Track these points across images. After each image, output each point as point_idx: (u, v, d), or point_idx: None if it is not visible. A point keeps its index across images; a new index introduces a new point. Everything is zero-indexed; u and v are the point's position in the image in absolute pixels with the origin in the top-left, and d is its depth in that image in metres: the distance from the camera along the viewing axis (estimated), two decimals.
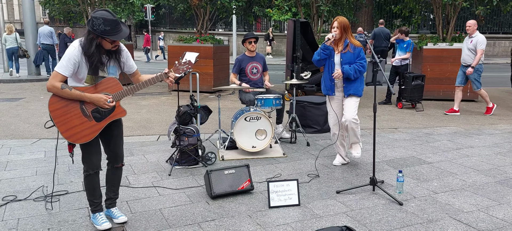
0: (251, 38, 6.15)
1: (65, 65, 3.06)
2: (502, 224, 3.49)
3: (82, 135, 3.16)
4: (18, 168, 4.95)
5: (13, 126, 7.27)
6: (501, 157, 5.44)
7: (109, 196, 3.57)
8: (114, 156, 3.47)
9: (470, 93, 9.91)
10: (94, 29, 3.02)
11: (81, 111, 3.15)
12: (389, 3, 23.63)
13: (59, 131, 3.13)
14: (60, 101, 3.11)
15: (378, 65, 4.11)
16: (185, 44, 11.18)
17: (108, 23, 3.01)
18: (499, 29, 25.87)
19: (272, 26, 26.27)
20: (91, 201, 3.44)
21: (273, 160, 5.26)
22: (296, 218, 3.62)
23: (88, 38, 3.09)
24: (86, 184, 3.40)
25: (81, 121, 3.15)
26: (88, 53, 3.07)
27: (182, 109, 5.13)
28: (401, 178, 4.12)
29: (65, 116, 3.12)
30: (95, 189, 3.42)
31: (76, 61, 3.08)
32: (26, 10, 14.24)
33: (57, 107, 3.11)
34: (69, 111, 3.13)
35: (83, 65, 3.12)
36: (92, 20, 3.02)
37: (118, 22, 3.07)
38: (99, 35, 3.04)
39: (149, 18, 24.95)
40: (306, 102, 6.77)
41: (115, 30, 3.05)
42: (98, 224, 3.39)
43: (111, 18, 3.04)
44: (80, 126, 3.15)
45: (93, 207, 3.45)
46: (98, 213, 3.45)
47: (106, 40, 3.08)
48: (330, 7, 10.81)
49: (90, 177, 3.36)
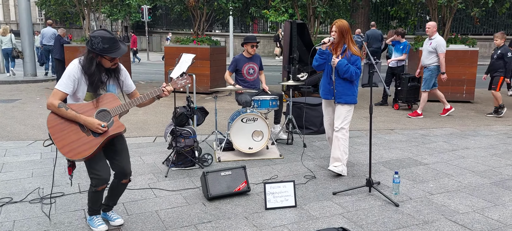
0: (254, 42, 6.17)
1: (65, 82, 3.11)
2: (498, 225, 3.50)
3: (80, 150, 3.12)
4: (14, 170, 4.93)
5: (9, 128, 7.24)
6: (497, 158, 5.47)
7: (108, 204, 3.54)
8: (121, 171, 3.38)
9: (466, 95, 9.96)
10: (94, 48, 3.08)
11: (79, 127, 3.15)
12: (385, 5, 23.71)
13: (57, 147, 3.12)
14: (58, 118, 3.14)
15: (374, 66, 4.13)
16: (181, 45, 11.17)
17: (106, 41, 3.09)
18: (495, 30, 25.94)
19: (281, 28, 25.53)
20: (90, 207, 3.42)
21: (269, 161, 5.27)
22: (293, 219, 3.62)
23: (88, 58, 3.15)
24: (91, 197, 3.35)
25: (79, 136, 3.14)
26: (89, 72, 3.13)
27: (179, 110, 5.13)
28: (397, 179, 4.14)
29: (62, 132, 3.13)
30: (98, 201, 3.40)
31: (76, 78, 3.13)
32: (22, 11, 14.20)
33: (55, 124, 3.13)
34: (66, 127, 3.14)
35: (82, 83, 3.16)
36: (91, 39, 3.10)
37: (116, 40, 3.15)
38: (98, 53, 3.10)
39: (145, 19, 24.92)
40: (303, 103, 6.78)
41: (113, 47, 3.12)
42: (94, 227, 3.39)
43: (109, 36, 3.12)
44: (77, 141, 3.13)
45: (91, 212, 3.45)
46: (95, 215, 3.46)
47: (106, 58, 3.14)
48: (326, 8, 10.83)
49: (98, 193, 3.30)
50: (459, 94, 9.98)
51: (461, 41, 10.03)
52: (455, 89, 9.98)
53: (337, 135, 4.63)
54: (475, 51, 9.83)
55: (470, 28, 25.10)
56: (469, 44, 9.88)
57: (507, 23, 25.81)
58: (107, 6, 13.54)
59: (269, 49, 27.11)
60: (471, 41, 9.98)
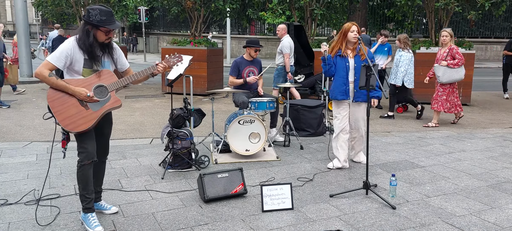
0: (258, 47, 6.18)
1: (57, 56, 3.22)
2: (494, 228, 3.51)
3: (79, 123, 3.26)
4: (9, 171, 4.90)
5: (4, 129, 7.21)
6: (493, 161, 5.48)
7: (95, 190, 3.63)
8: (103, 150, 3.63)
9: (462, 97, 9.98)
10: (91, 20, 3.21)
11: (78, 101, 3.27)
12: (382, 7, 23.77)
13: (57, 120, 3.23)
14: (57, 93, 3.25)
15: (372, 69, 4.13)
16: (179, 47, 11.16)
17: (104, 13, 3.23)
18: (491, 33, 26.13)
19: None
20: (83, 195, 3.41)
21: (266, 164, 5.26)
22: (290, 222, 3.61)
23: (84, 30, 3.26)
24: (80, 176, 3.38)
25: (78, 110, 3.27)
26: (88, 44, 3.24)
27: (176, 112, 5.11)
28: (394, 182, 4.13)
29: (62, 105, 3.25)
30: (89, 181, 3.41)
31: (68, 55, 3.23)
32: (18, 12, 14.14)
33: (55, 98, 3.25)
34: (66, 101, 3.26)
35: (77, 60, 3.27)
36: (88, 11, 3.22)
37: (112, 13, 3.31)
38: (95, 24, 3.22)
39: (143, 20, 24.87)
40: (300, 105, 6.77)
41: (110, 20, 3.27)
42: (90, 227, 3.36)
43: (106, 9, 3.26)
44: (77, 114, 3.26)
45: (85, 203, 3.42)
46: (90, 213, 3.42)
47: (101, 30, 3.26)
48: (323, 10, 10.85)
49: (85, 167, 3.36)
50: None
51: (458, 44, 10.06)
52: None
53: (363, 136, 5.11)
54: (472, 54, 9.86)
55: (466, 31, 25.21)
56: (466, 47, 9.91)
57: (503, 26, 25.93)
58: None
59: (266, 51, 27.13)
60: (467, 44, 10.01)
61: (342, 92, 4.88)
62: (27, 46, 14.29)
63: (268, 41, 27.13)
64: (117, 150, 5.84)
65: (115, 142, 6.33)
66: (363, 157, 5.17)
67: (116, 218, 3.64)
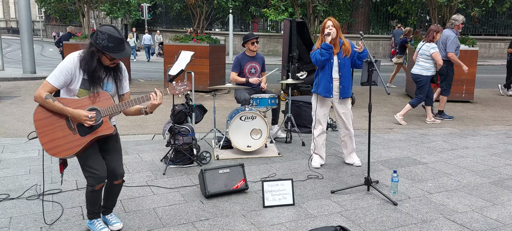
0: (253, 39, 6.14)
1: (57, 76, 2.98)
2: (496, 225, 3.49)
3: (63, 148, 3.00)
4: (11, 166, 4.91)
5: (7, 124, 7.23)
6: (496, 157, 5.46)
7: (105, 206, 3.40)
8: (112, 172, 3.21)
9: (465, 95, 9.95)
10: (97, 43, 2.96)
11: (66, 124, 3.02)
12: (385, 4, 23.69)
13: (40, 142, 2.99)
14: (45, 112, 3.01)
15: (373, 65, 4.11)
16: (181, 43, 11.15)
17: (112, 40, 2.95)
18: (495, 31, 26.00)
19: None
20: (90, 210, 3.27)
21: (268, 160, 5.25)
22: (291, 217, 3.61)
23: (89, 51, 3.00)
24: (89, 197, 3.19)
25: (65, 134, 3.01)
26: (91, 68, 2.99)
27: (177, 108, 5.11)
28: (396, 178, 4.12)
29: (48, 126, 3.00)
30: (97, 202, 3.25)
31: (69, 74, 2.99)
32: (21, 9, 14.17)
33: (42, 117, 3.01)
34: (54, 122, 3.01)
35: (76, 79, 3.02)
36: (96, 33, 2.97)
37: (122, 41, 3.01)
38: (100, 50, 2.96)
39: (145, 17, 24.92)
40: (302, 102, 6.76)
41: (117, 48, 2.99)
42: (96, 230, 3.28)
43: (117, 36, 2.97)
44: (62, 138, 3.00)
45: (91, 215, 3.30)
46: (96, 219, 3.31)
47: (106, 56, 3.00)
48: (326, 7, 10.82)
49: (95, 193, 3.14)
50: (459, 94, 9.96)
51: (461, 41, 10.01)
52: (455, 89, 9.94)
53: (352, 132, 4.95)
54: (475, 51, 9.80)
55: (470, 28, 25.10)
56: (469, 44, 9.86)
57: (506, 24, 25.80)
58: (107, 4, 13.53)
59: (269, 48, 27.09)
60: (471, 41, 9.96)
61: (326, 89, 4.80)
62: (30, 43, 14.32)
63: (270, 38, 27.07)
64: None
65: None
66: (356, 158, 5.06)
67: (117, 213, 3.64)
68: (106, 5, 13.41)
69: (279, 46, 26.12)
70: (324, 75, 4.80)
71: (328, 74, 4.78)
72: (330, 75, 4.77)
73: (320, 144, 4.97)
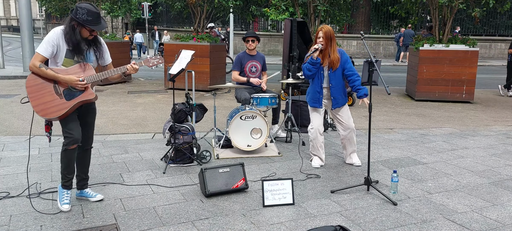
0: (250, 37, 6.14)
1: (45, 47, 3.40)
2: (496, 225, 3.49)
3: (52, 110, 3.44)
4: (11, 165, 4.92)
5: (7, 122, 7.23)
6: (496, 158, 5.46)
7: (81, 177, 3.84)
8: (86, 139, 3.75)
9: (466, 95, 9.95)
10: (77, 17, 3.36)
11: (53, 89, 3.46)
12: (386, 4, 23.67)
13: (31, 104, 3.43)
14: (36, 79, 3.44)
15: (374, 64, 4.11)
16: (181, 42, 11.15)
17: (91, 14, 3.38)
18: (495, 31, 25.97)
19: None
20: (64, 174, 3.64)
21: (268, 159, 5.25)
22: (290, 217, 3.61)
23: (70, 25, 3.42)
24: (63, 158, 3.59)
25: (53, 98, 3.45)
26: (75, 40, 3.41)
27: (178, 107, 5.11)
28: (396, 178, 4.12)
29: (39, 92, 3.44)
30: (70, 163, 3.63)
31: (55, 44, 3.41)
32: (22, 7, 14.18)
33: (33, 84, 3.44)
34: (43, 88, 3.45)
35: (61, 50, 3.45)
36: (76, 9, 3.38)
37: (99, 15, 3.46)
38: (80, 23, 3.37)
39: (146, 16, 24.89)
40: (302, 101, 6.76)
41: (96, 21, 3.42)
42: (60, 202, 3.65)
43: (94, 10, 3.41)
44: (51, 102, 3.44)
45: (64, 181, 3.66)
46: (66, 190, 3.68)
47: (86, 28, 3.42)
48: (327, 7, 10.81)
49: (69, 151, 3.55)
50: (459, 95, 9.97)
51: (462, 41, 10.02)
52: (455, 89, 9.97)
53: (352, 133, 4.91)
54: (475, 51, 9.81)
55: (470, 28, 25.08)
56: (470, 45, 9.86)
57: (507, 24, 25.77)
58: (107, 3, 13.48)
59: (270, 47, 27.07)
60: (471, 42, 9.96)
61: (315, 100, 4.82)
62: (30, 41, 14.32)
63: (271, 37, 27.06)
64: (119, 144, 5.86)
65: (117, 137, 6.35)
66: (357, 158, 5.04)
67: (117, 212, 3.65)
68: (106, 4, 13.38)
69: (280, 45, 26.11)
70: (313, 85, 4.83)
71: (317, 84, 4.79)
72: (319, 86, 4.79)
73: (318, 146, 4.96)
